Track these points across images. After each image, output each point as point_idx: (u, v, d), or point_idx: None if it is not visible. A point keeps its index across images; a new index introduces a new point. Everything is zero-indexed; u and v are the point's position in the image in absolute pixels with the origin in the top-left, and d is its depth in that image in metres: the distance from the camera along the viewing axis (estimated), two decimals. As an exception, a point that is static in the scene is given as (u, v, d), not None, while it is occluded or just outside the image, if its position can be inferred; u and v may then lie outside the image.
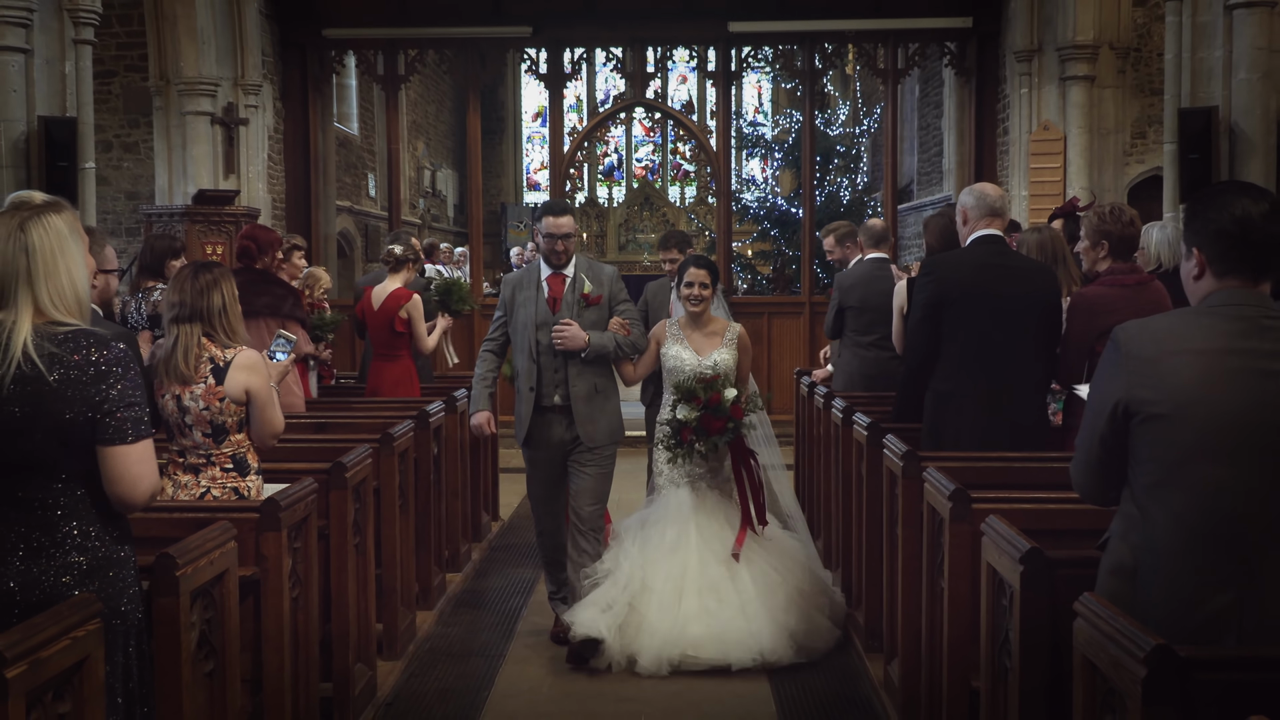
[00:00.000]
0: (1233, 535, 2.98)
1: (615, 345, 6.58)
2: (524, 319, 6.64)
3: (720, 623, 6.22)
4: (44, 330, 3.14)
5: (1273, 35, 10.30)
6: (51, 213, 3.25)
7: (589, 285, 6.59)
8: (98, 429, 3.15)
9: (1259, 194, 3.16)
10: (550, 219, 6.63)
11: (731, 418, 6.48)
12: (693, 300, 6.79)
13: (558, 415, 6.59)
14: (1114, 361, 3.14)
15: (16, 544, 3.14)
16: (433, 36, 16.45)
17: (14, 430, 3.09)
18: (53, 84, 11.23)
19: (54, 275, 3.18)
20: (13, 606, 3.10)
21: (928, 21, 15.94)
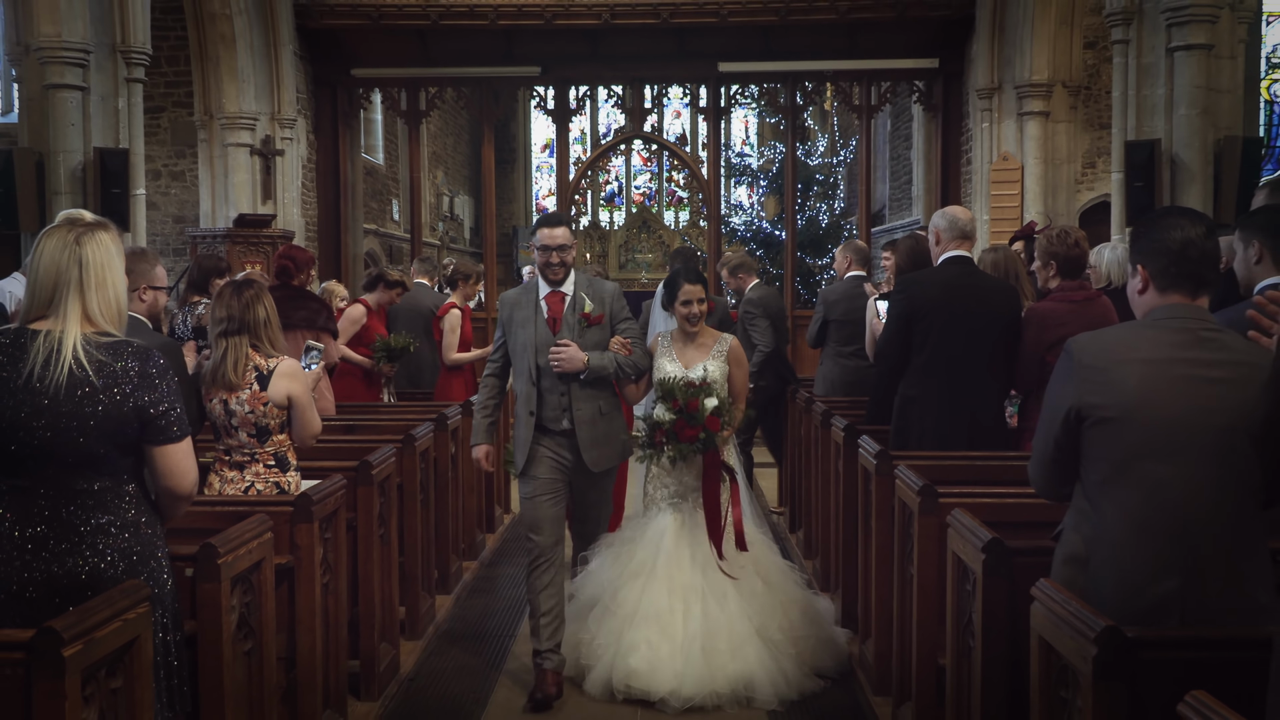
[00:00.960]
0: (1176, 527, 2.98)
1: (616, 366, 5.62)
2: (523, 341, 5.62)
3: (659, 658, 5.34)
4: (91, 338, 3.14)
5: (1209, 75, 10.32)
6: (102, 230, 3.26)
7: (589, 304, 5.60)
8: (147, 430, 3.17)
9: (1197, 218, 3.19)
10: (545, 230, 5.67)
11: (706, 428, 5.50)
12: (691, 319, 5.84)
13: (562, 440, 5.61)
14: (1067, 370, 3.14)
15: (68, 534, 3.14)
16: (451, 76, 16.49)
17: (64, 429, 3.09)
18: (107, 118, 11.24)
19: (103, 287, 3.19)
20: (67, 590, 3.11)
21: (898, 62, 15.99)
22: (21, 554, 3.12)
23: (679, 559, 5.59)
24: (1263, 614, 2.98)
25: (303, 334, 7.02)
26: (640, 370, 5.80)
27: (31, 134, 10.99)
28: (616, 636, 5.41)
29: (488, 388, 5.90)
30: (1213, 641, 2.81)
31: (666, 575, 5.53)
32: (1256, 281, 4.03)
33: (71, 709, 2.72)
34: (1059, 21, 13.83)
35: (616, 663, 5.37)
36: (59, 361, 3.08)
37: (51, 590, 3.11)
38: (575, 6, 15.44)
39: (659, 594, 5.48)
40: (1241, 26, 10.50)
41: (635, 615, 5.42)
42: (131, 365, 3.16)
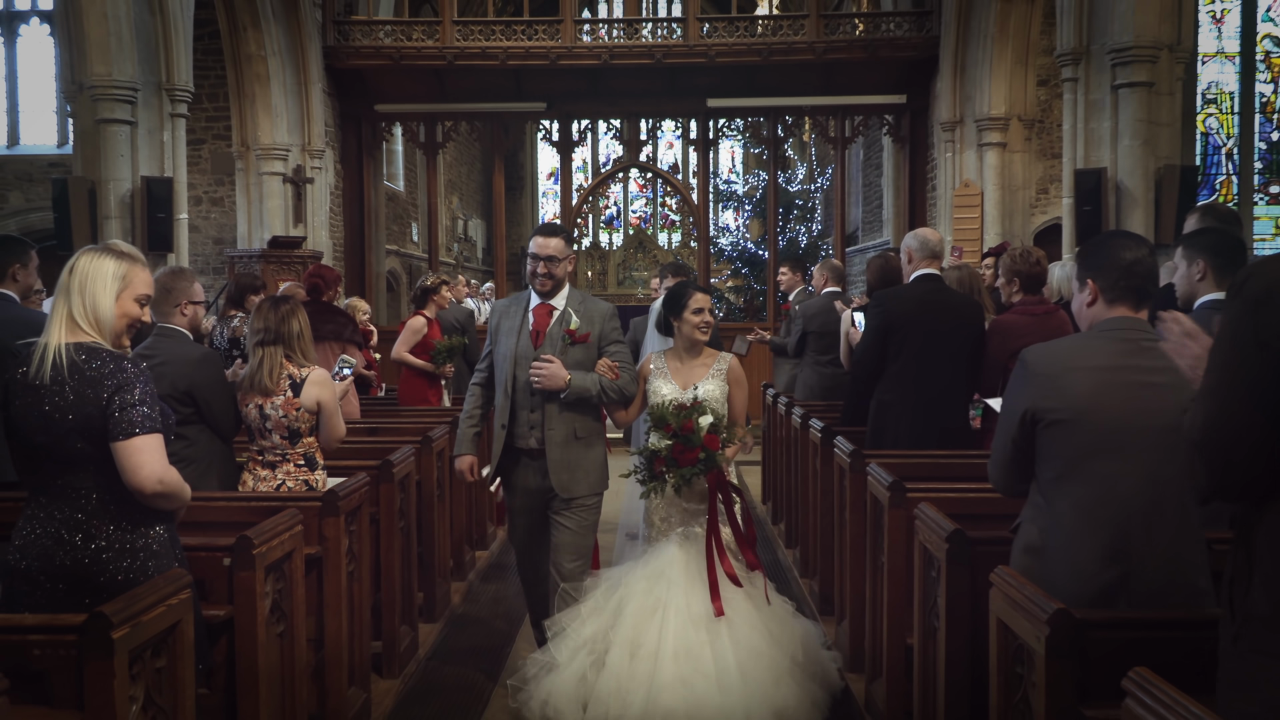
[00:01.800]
0: (1122, 519, 2.99)
1: (599, 389, 4.87)
2: (504, 350, 4.97)
3: (696, 695, 4.49)
4: (75, 346, 3.13)
5: (1150, 110, 10.36)
6: (107, 255, 3.24)
7: (576, 321, 4.89)
8: (107, 426, 3.10)
9: (1141, 240, 3.21)
10: (538, 239, 4.95)
11: (705, 447, 4.73)
12: (703, 328, 5.03)
13: (532, 460, 4.94)
14: (1022, 377, 3.15)
15: (68, 528, 3.13)
16: (465, 111, 16.52)
17: (45, 427, 3.08)
18: (153, 150, 11.25)
19: (83, 294, 3.16)
20: (71, 578, 3.11)
21: (869, 98, 16.04)
22: (43, 542, 3.13)
23: (694, 589, 4.77)
24: (1200, 597, 2.99)
25: (331, 345, 7.03)
26: (626, 396, 5.00)
27: (85, 164, 11.00)
28: (647, 679, 4.53)
29: (474, 396, 5.22)
30: (1154, 623, 2.81)
31: (686, 607, 4.68)
32: (1198, 296, 4.03)
33: (119, 686, 2.72)
34: (1014, 61, 13.88)
35: (649, 706, 4.52)
36: (45, 365, 3.09)
37: (55, 577, 3.11)
38: (577, 48, 15.48)
39: (683, 628, 4.64)
40: (1179, 66, 10.54)
41: (662, 653, 4.56)
42: (103, 369, 3.12)
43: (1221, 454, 2.26)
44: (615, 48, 15.61)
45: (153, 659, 2.93)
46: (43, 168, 17.78)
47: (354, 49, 15.48)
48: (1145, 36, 10.22)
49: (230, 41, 14.40)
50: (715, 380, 5.01)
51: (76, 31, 10.85)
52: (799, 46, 15.30)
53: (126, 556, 3.15)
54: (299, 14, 14.60)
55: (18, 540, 3.16)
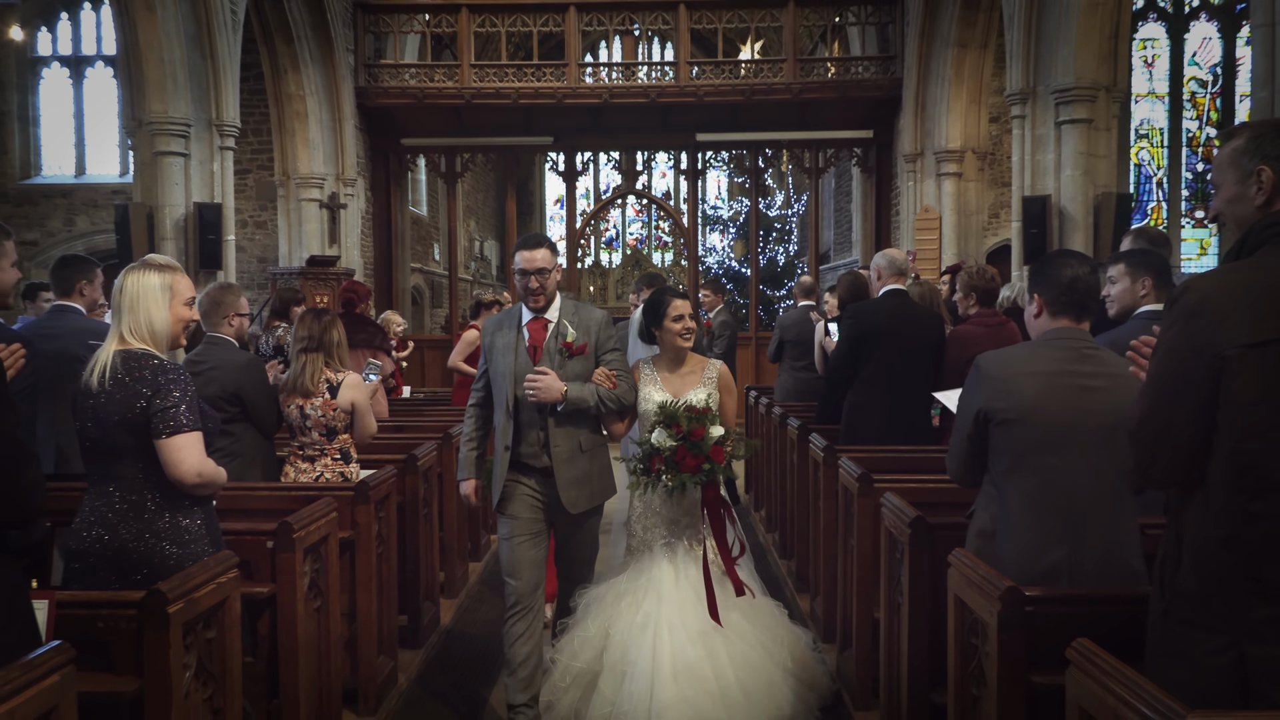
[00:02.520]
0: (1064, 507, 2.99)
1: (597, 399, 4.26)
2: (501, 369, 4.33)
3: (701, 713, 3.93)
4: (123, 353, 3.15)
5: (1090, 143, 10.38)
6: (149, 270, 3.25)
7: (572, 333, 4.30)
8: (150, 426, 3.12)
9: (1084, 259, 3.22)
10: (523, 253, 4.30)
11: (710, 458, 4.15)
12: (685, 335, 4.43)
13: (538, 477, 4.30)
14: (976, 381, 3.15)
15: (118, 514, 3.14)
16: (481, 144, 16.54)
17: (100, 424, 3.11)
18: (204, 179, 11.25)
19: (134, 312, 3.18)
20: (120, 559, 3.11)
21: (840, 133, 16.06)
22: (96, 527, 3.13)
23: (685, 603, 4.16)
24: (1135, 576, 3.00)
25: (363, 352, 7.03)
26: (624, 404, 4.36)
27: (143, 191, 11.00)
28: (645, 699, 3.93)
29: (472, 418, 4.53)
30: (1094, 599, 2.81)
31: (681, 624, 4.07)
32: (1139, 307, 4.03)
33: (174, 655, 2.73)
34: (969, 101, 13.91)
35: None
36: (95, 372, 3.12)
37: (103, 558, 3.11)
38: (581, 89, 15.50)
39: (681, 645, 4.03)
40: (1115, 104, 10.55)
41: (659, 672, 3.95)
42: (146, 374, 3.13)
43: (1150, 443, 2.28)
44: (614, 88, 15.62)
45: (204, 631, 2.93)
46: (106, 195, 17.78)
47: (382, 89, 15.49)
48: (1085, 78, 10.25)
49: (273, 83, 14.42)
50: (707, 388, 4.43)
51: (136, 73, 10.87)
52: (778, 87, 15.32)
53: (168, 540, 3.15)
54: (334, 58, 14.62)
55: (77, 523, 3.17)
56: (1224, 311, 2.17)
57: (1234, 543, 2.15)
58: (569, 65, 15.52)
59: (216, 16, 11.19)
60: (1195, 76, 17.12)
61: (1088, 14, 10.12)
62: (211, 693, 2.99)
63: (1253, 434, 2.14)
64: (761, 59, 16.24)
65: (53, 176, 18.42)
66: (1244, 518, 2.15)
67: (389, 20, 15.67)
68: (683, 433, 4.15)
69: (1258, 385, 2.14)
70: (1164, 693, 1.97)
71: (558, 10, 15.80)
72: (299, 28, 14.13)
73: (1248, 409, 2.15)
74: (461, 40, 15.56)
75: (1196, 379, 2.19)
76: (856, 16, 15.63)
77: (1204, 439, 2.20)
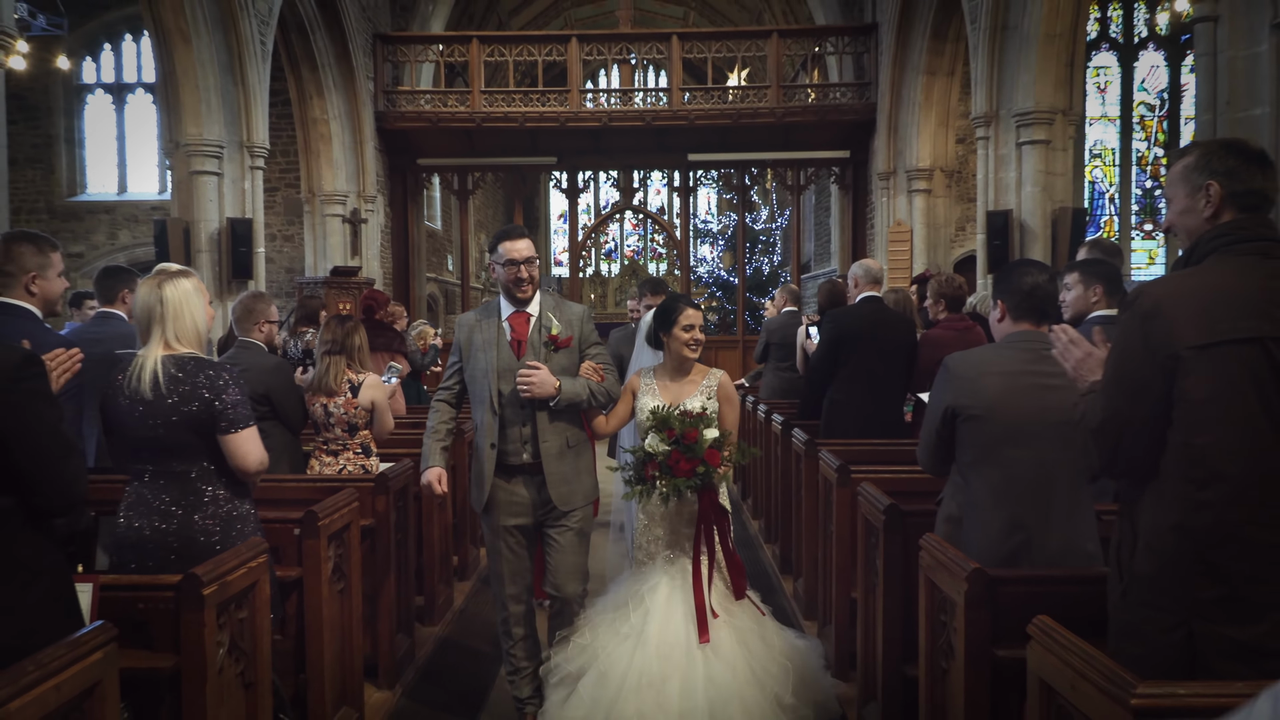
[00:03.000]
0: (1025, 495, 2.99)
1: (589, 393, 3.89)
2: (483, 365, 3.90)
3: None
4: (170, 358, 3.11)
5: (1048, 162, 10.39)
6: (183, 277, 3.22)
7: (557, 325, 3.92)
8: (217, 422, 3.10)
9: (1042, 267, 3.21)
10: (509, 244, 3.89)
11: (704, 461, 3.74)
12: (692, 345, 4.00)
13: (526, 476, 3.90)
14: (945, 380, 3.15)
15: (175, 504, 3.12)
16: (490, 164, 16.55)
17: (158, 424, 3.07)
18: (236, 196, 11.25)
19: (180, 319, 3.15)
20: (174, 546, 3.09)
21: (820, 153, 16.08)
22: (152, 518, 3.11)
23: (670, 618, 3.73)
24: (1089, 559, 3.00)
25: (382, 355, 7.02)
26: (612, 398, 3.99)
27: (180, 207, 10.99)
28: (607, 709, 3.56)
29: (439, 412, 4.06)
30: (1052, 579, 2.81)
31: (657, 637, 3.68)
32: (1090, 313, 4.03)
33: (209, 634, 2.72)
34: (937, 123, 13.93)
35: None
36: (144, 376, 3.07)
37: (162, 546, 3.09)
38: (582, 113, 15.50)
39: (648, 660, 3.64)
40: (1071, 127, 10.57)
41: (626, 685, 3.59)
42: (197, 376, 3.10)
43: (1111, 438, 2.27)
44: (613, 113, 15.63)
45: (236, 611, 2.93)
46: (146, 211, 17.76)
47: (400, 114, 15.48)
48: (1043, 103, 10.26)
49: (299, 108, 14.42)
50: (703, 397, 3.98)
51: (174, 99, 10.86)
52: (762, 112, 15.33)
53: (220, 526, 3.14)
54: (355, 86, 14.62)
55: (127, 515, 3.13)
56: (1176, 315, 2.17)
57: (1184, 529, 2.15)
58: (571, 91, 15.52)
59: (247, 47, 11.19)
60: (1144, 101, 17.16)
61: (1045, 44, 10.16)
62: (243, 668, 2.98)
63: (1203, 429, 2.14)
64: (748, 85, 16.25)
65: (97, 194, 18.40)
66: (1194, 506, 2.15)
67: (405, 50, 15.68)
68: (675, 436, 3.74)
69: (1207, 384, 2.14)
70: (1116, 665, 1.97)
71: (560, 41, 15.83)
72: (323, 57, 14.13)
73: (1198, 406, 2.15)
74: (472, 68, 15.56)
75: (1152, 378, 2.19)
76: (834, 47, 15.66)
77: (1159, 433, 2.20)
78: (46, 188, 18.02)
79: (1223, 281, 2.20)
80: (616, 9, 16.55)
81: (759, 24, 20.34)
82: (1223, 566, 2.11)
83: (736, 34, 15.99)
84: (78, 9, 16.87)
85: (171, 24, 10.64)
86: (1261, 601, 2.09)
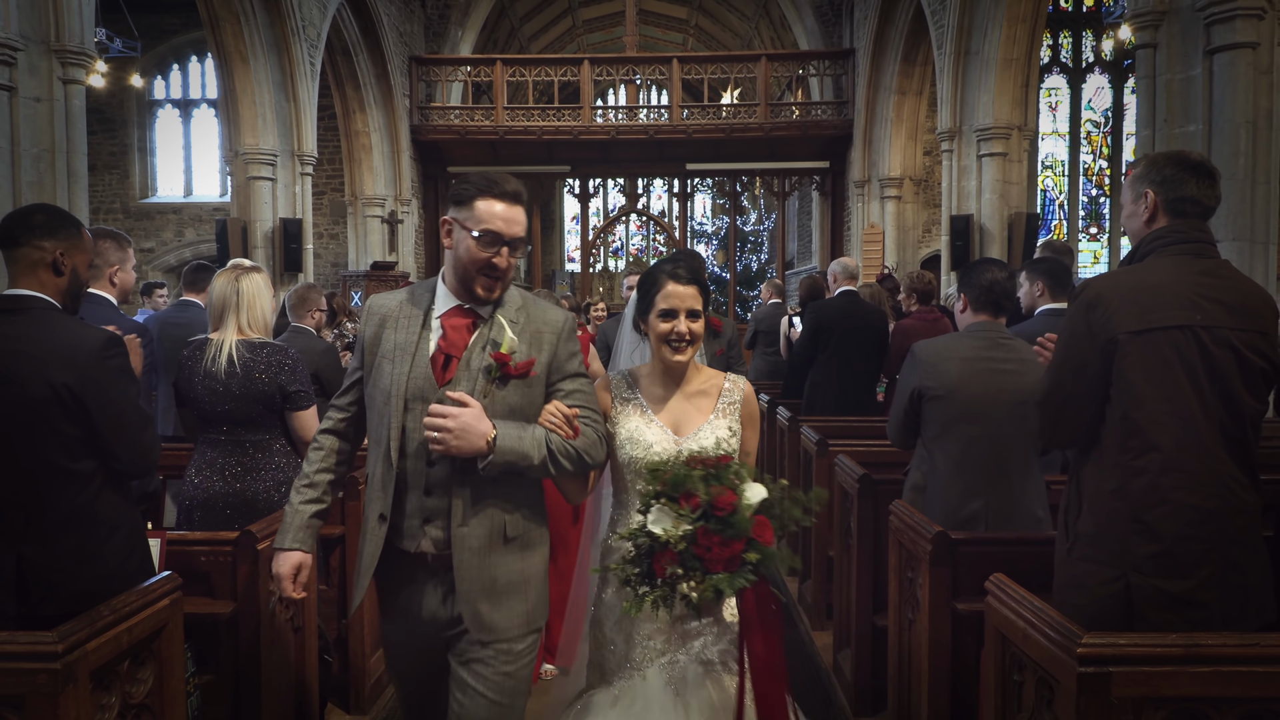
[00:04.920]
0: (981, 467, 2.99)
1: (546, 455, 2.01)
2: (386, 381, 2.08)
3: None
4: (242, 342, 3.17)
5: (1005, 172, 10.35)
6: (255, 272, 3.29)
7: (509, 339, 2.05)
8: (286, 401, 3.18)
9: (1000, 265, 3.20)
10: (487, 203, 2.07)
11: (753, 541, 1.92)
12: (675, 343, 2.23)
13: (426, 573, 2.07)
14: (911, 364, 3.15)
15: (240, 467, 3.15)
16: (511, 171, 16.32)
17: (233, 399, 3.12)
18: (288, 199, 11.23)
19: (253, 309, 3.21)
20: (239, 504, 3.12)
21: (803, 164, 16.00)
22: (219, 479, 3.14)
23: None
24: (1039, 523, 3.00)
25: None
26: (586, 463, 2.10)
27: (239, 209, 10.99)
28: None
29: (319, 450, 2.25)
30: (1006, 541, 2.81)
31: None
32: (1038, 307, 4.02)
33: (262, 583, 2.72)
34: (907, 137, 13.87)
35: None
36: (221, 357, 3.12)
37: (227, 504, 3.12)
38: (593, 127, 15.44)
39: None
40: (1025, 141, 10.53)
41: None
42: (269, 359, 3.16)
43: (1053, 409, 2.28)
44: (620, 127, 15.56)
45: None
46: (209, 211, 17.73)
47: (432, 127, 15.43)
48: (1001, 120, 10.21)
49: (343, 121, 14.39)
50: (726, 420, 2.28)
51: (233, 113, 10.85)
52: (752, 127, 15.26)
53: (279, 488, 3.16)
54: (393, 102, 14.58)
55: (196, 478, 3.16)
56: (1115, 304, 2.18)
57: (1121, 493, 2.15)
58: (583, 108, 15.45)
59: (298, 68, 11.15)
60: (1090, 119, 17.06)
61: (1004, 68, 10.11)
62: (293, 614, 2.99)
63: (1138, 405, 2.15)
64: (739, 103, 16.16)
65: (165, 196, 18.37)
66: (1130, 472, 2.15)
67: (437, 70, 15.62)
68: (700, 505, 1.96)
69: (1141, 365, 2.15)
70: (1065, 617, 1.96)
71: (574, 64, 15.75)
72: (365, 77, 14.08)
73: (1134, 385, 2.15)
74: (496, 87, 15.50)
75: (1093, 359, 2.19)
76: (816, 69, 15.59)
77: (1099, 408, 2.20)
78: (122, 191, 18.00)
79: (1158, 277, 2.20)
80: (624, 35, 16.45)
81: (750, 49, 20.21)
82: (1156, 526, 2.11)
83: (730, 58, 15.90)
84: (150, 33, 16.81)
85: (232, 47, 10.61)
86: (1190, 559, 2.10)
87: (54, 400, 2.17)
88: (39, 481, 2.19)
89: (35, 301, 2.26)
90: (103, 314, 3.61)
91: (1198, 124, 6.22)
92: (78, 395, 2.19)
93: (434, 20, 16.38)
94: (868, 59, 14.02)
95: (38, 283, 2.29)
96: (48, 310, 2.27)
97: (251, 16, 10.58)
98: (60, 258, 2.31)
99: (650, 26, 21.70)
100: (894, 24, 13.41)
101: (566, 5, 20.72)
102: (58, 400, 2.18)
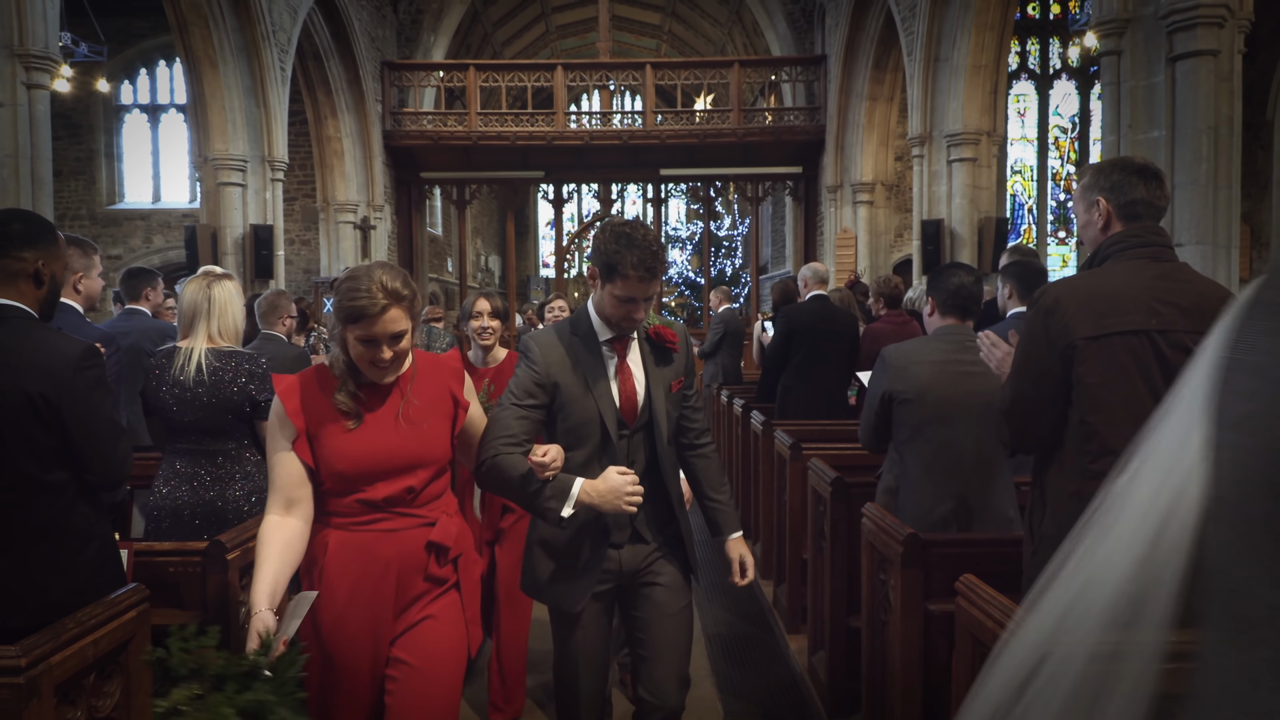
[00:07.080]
0: (951, 469, 3.01)
1: None
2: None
3: None
4: (213, 350, 3.13)
5: (975, 177, 10.44)
6: (227, 280, 3.25)
7: None
8: (255, 411, 3.13)
9: (968, 270, 3.23)
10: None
11: None
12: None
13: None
14: (882, 368, 3.17)
15: (210, 478, 3.12)
16: (486, 177, 16.41)
17: (201, 409, 3.08)
18: (258, 205, 11.12)
19: (224, 316, 3.17)
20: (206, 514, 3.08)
21: (776, 169, 16.06)
22: (187, 489, 3.10)
23: None
24: (1009, 524, 3.02)
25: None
26: None
27: (209, 215, 10.86)
28: None
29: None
30: (976, 542, 2.83)
31: None
32: (1009, 310, 4.06)
33: (233, 593, 2.69)
34: (879, 143, 13.97)
35: None
36: (190, 366, 3.09)
37: (196, 514, 3.09)
38: (566, 133, 15.42)
39: None
40: (994, 146, 10.63)
41: None
42: (240, 367, 3.12)
43: (1019, 418, 2.30)
44: (594, 132, 15.55)
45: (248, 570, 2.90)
46: (178, 218, 17.54)
47: (405, 132, 15.35)
48: (970, 126, 10.32)
49: (315, 127, 14.27)
50: None
51: (203, 118, 10.73)
52: (726, 132, 15.31)
53: (252, 497, 3.13)
54: (365, 107, 14.48)
55: (164, 488, 3.12)
56: (1072, 310, 2.20)
57: (1081, 496, 2.18)
58: (557, 114, 15.43)
59: (269, 73, 11.05)
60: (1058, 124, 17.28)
61: (973, 75, 10.21)
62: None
63: (1095, 409, 2.17)
64: (713, 109, 16.22)
65: (133, 203, 18.13)
66: (1088, 475, 2.17)
67: (410, 76, 15.53)
68: None
69: (1098, 370, 2.17)
70: (1031, 617, 1.98)
71: (548, 69, 15.72)
72: (336, 82, 13.98)
73: (1091, 389, 2.18)
74: (470, 93, 15.44)
75: (1052, 365, 2.22)
76: (789, 75, 15.66)
77: (1060, 412, 2.23)
78: (89, 197, 17.75)
79: (1115, 282, 2.23)
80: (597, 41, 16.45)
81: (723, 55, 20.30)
82: (1115, 529, 2.13)
83: (703, 63, 15.95)
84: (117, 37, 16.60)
85: (201, 52, 10.50)
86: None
87: (29, 410, 2.15)
88: (12, 491, 2.16)
89: (14, 311, 2.23)
90: (68, 322, 3.54)
91: (1161, 130, 6.33)
92: (54, 405, 2.17)
93: (406, 25, 16.31)
94: (839, 65, 14.12)
95: (16, 293, 2.25)
96: (26, 320, 2.24)
97: (221, 21, 10.49)
98: (41, 268, 2.27)
99: (624, 32, 21.74)
100: (865, 31, 13.52)
101: (539, 11, 20.72)
102: (33, 410, 2.15)
